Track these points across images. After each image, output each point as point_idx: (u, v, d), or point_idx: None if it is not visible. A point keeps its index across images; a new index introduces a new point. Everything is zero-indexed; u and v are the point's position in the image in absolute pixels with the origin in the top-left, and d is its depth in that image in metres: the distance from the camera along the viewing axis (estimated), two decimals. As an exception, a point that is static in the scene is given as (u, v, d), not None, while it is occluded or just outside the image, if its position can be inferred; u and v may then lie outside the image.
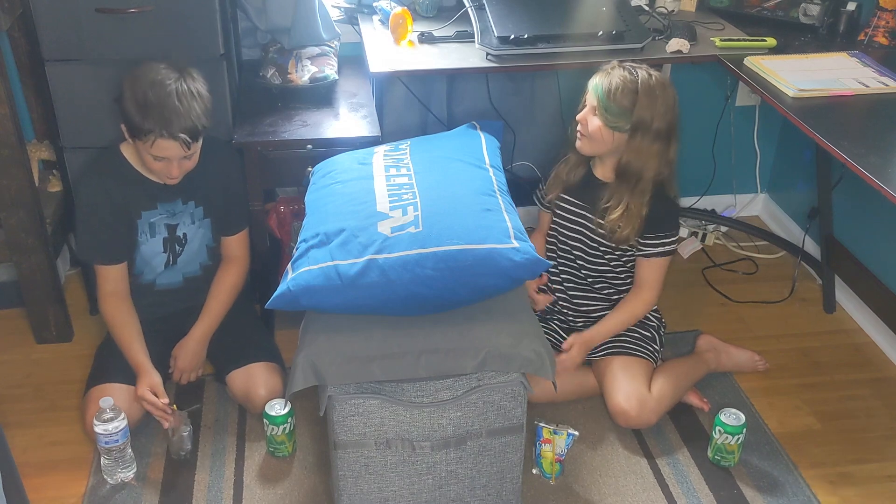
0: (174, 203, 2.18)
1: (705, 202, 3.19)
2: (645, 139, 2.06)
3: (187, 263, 2.27)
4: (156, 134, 1.95)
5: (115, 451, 2.00)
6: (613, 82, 2.06)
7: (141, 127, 1.95)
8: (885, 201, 1.78)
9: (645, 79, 2.05)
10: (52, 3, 2.12)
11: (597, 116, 2.08)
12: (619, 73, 2.07)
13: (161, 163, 2.03)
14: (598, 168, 2.22)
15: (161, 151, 1.99)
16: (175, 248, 2.23)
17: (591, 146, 2.14)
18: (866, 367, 2.52)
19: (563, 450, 2.05)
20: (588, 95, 2.12)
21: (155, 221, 2.18)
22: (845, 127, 2.03)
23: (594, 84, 2.10)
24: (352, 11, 2.70)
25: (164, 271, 2.26)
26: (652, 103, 2.04)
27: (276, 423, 2.08)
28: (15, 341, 2.54)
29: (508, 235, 1.78)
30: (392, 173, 1.94)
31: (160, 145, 1.97)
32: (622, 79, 2.05)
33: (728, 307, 2.77)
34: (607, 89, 2.06)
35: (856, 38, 2.53)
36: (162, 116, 1.93)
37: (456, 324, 1.78)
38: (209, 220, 2.24)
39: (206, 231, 2.26)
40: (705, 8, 2.76)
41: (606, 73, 2.09)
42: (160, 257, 2.23)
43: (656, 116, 2.05)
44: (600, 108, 2.07)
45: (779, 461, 2.16)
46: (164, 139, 1.96)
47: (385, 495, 1.87)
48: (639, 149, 2.08)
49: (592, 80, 2.12)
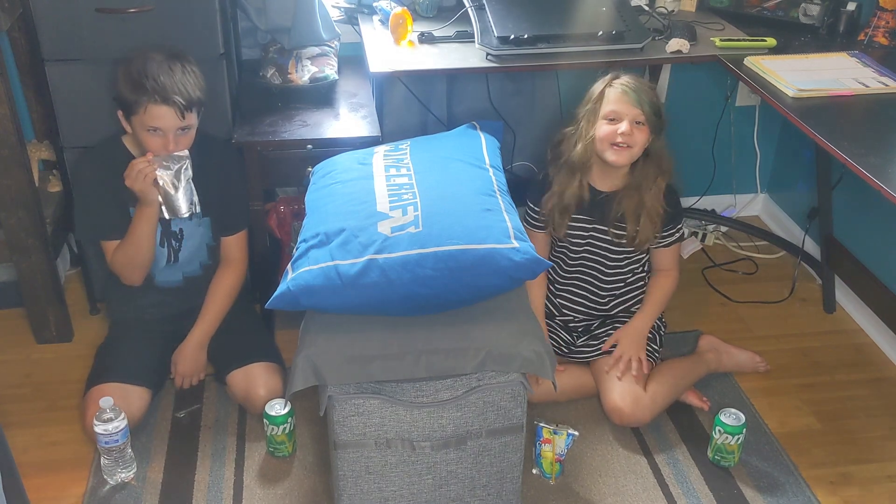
0: None
1: (705, 202, 3.19)
2: (664, 138, 2.15)
3: (188, 261, 2.27)
4: (148, 97, 1.95)
5: (115, 451, 2.00)
6: (639, 85, 2.08)
7: (134, 99, 1.96)
8: (885, 201, 1.78)
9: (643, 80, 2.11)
10: (52, 3, 2.13)
11: (640, 125, 2.08)
12: (627, 77, 2.10)
13: (157, 137, 2.01)
14: (600, 181, 2.21)
15: (155, 120, 1.98)
16: (172, 244, 2.22)
17: (631, 155, 2.12)
18: (866, 367, 2.52)
19: (563, 450, 2.05)
20: (617, 107, 2.08)
21: None
22: (845, 127, 2.03)
23: (627, 93, 2.07)
24: (352, 11, 2.70)
25: (165, 268, 2.25)
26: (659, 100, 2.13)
27: (276, 423, 2.08)
28: (15, 341, 2.54)
29: (508, 235, 1.78)
30: (392, 173, 1.94)
31: (153, 113, 1.97)
32: (638, 80, 2.09)
33: (728, 307, 2.77)
34: (646, 94, 2.08)
35: (856, 38, 2.53)
36: (155, 83, 1.95)
37: (456, 324, 1.78)
38: (208, 218, 2.24)
39: (206, 230, 2.25)
40: (705, 8, 2.76)
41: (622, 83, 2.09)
42: (160, 252, 2.21)
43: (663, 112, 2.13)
44: (647, 113, 2.07)
45: (779, 461, 2.16)
46: (156, 104, 1.96)
47: (385, 495, 1.87)
48: (661, 148, 2.15)
49: (610, 91, 2.09)
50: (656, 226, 2.17)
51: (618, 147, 2.10)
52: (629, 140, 2.08)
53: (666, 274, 2.31)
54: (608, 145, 2.10)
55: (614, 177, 2.19)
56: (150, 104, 1.97)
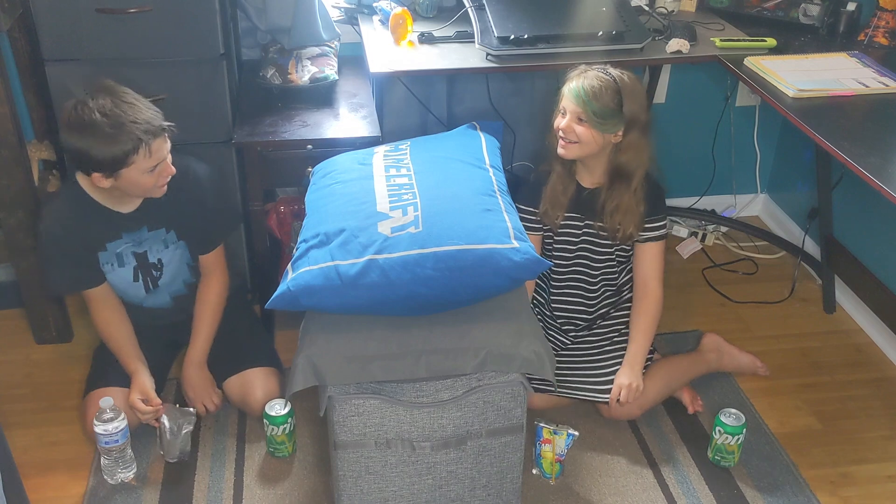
0: (139, 231, 2.11)
1: (705, 202, 3.20)
2: (637, 135, 2.08)
3: (170, 284, 2.23)
4: (146, 139, 1.87)
5: (115, 451, 2.01)
6: (594, 85, 2.03)
7: (118, 158, 1.86)
8: (885, 201, 1.78)
9: (620, 77, 2.05)
10: (52, 3, 2.12)
11: (583, 122, 2.05)
12: (594, 74, 2.05)
13: (153, 173, 1.94)
14: (585, 177, 2.20)
15: (157, 155, 1.91)
16: (152, 274, 2.18)
17: (580, 150, 2.10)
18: (866, 367, 2.52)
19: (563, 450, 2.05)
20: (566, 102, 2.07)
21: (121, 251, 2.11)
22: (845, 127, 2.03)
23: (573, 89, 2.05)
24: (352, 11, 2.70)
25: (148, 297, 2.22)
26: (636, 99, 2.05)
27: (276, 424, 2.08)
28: (15, 341, 2.54)
29: (508, 235, 1.78)
30: (392, 173, 1.94)
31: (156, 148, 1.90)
32: (600, 80, 2.03)
33: (728, 307, 2.77)
34: (591, 92, 2.02)
35: (856, 38, 2.53)
36: (129, 132, 1.85)
37: (456, 324, 1.78)
38: (184, 241, 2.19)
39: (184, 251, 2.21)
40: (705, 8, 2.76)
41: (580, 77, 2.06)
42: (134, 287, 2.18)
43: (641, 111, 2.07)
44: (588, 113, 2.03)
45: (779, 461, 2.16)
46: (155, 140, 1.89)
47: (385, 495, 1.87)
48: (634, 145, 2.08)
49: (567, 85, 2.08)
50: (635, 221, 2.14)
51: (563, 140, 2.10)
52: (569, 135, 2.07)
53: (646, 294, 2.22)
54: (557, 139, 2.12)
55: (594, 173, 2.19)
56: (152, 143, 1.89)
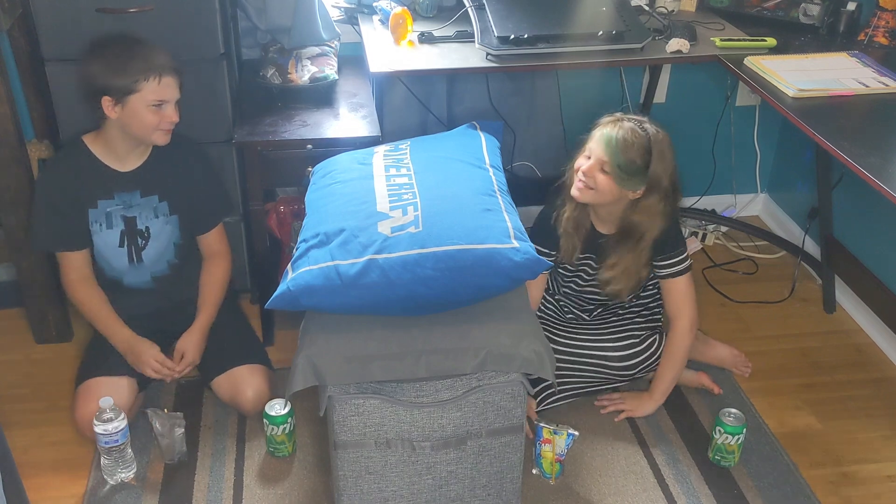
0: (132, 194, 2.14)
1: (705, 202, 3.20)
2: (655, 198, 2.01)
3: (154, 262, 2.22)
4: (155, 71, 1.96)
5: (115, 451, 2.01)
6: (627, 137, 1.95)
7: (130, 79, 1.95)
8: (885, 201, 1.78)
9: (655, 135, 1.97)
10: (52, 3, 2.13)
11: (606, 172, 1.98)
12: (630, 126, 1.97)
13: (158, 113, 2.00)
14: (598, 223, 2.15)
15: (164, 92, 1.99)
16: (137, 242, 2.18)
17: (594, 197, 2.03)
18: (866, 367, 2.52)
19: (563, 450, 2.05)
20: (594, 145, 2.00)
21: (111, 211, 2.13)
22: (845, 127, 2.03)
23: (605, 136, 1.97)
24: (352, 11, 2.70)
25: (130, 269, 2.21)
26: (664, 162, 1.98)
27: (275, 424, 2.08)
28: (15, 341, 2.54)
29: (508, 235, 1.78)
30: (392, 173, 1.94)
31: (165, 83, 1.98)
32: (634, 134, 1.96)
33: (728, 307, 2.77)
34: (622, 145, 1.95)
35: (856, 38, 2.53)
36: (145, 57, 1.96)
37: (456, 324, 1.78)
38: (176, 217, 2.21)
39: (174, 228, 2.21)
40: (705, 8, 2.76)
41: (616, 126, 1.97)
42: (118, 252, 2.18)
43: (665, 175, 1.99)
44: (612, 164, 1.96)
45: (779, 461, 2.16)
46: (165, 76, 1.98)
47: (385, 495, 1.87)
48: (649, 208, 2.02)
49: (599, 130, 2.00)
50: (630, 286, 2.11)
51: (581, 183, 2.03)
52: (588, 180, 2.01)
53: (673, 331, 2.16)
54: (574, 178, 2.05)
55: (605, 221, 2.13)
56: (162, 76, 1.98)
